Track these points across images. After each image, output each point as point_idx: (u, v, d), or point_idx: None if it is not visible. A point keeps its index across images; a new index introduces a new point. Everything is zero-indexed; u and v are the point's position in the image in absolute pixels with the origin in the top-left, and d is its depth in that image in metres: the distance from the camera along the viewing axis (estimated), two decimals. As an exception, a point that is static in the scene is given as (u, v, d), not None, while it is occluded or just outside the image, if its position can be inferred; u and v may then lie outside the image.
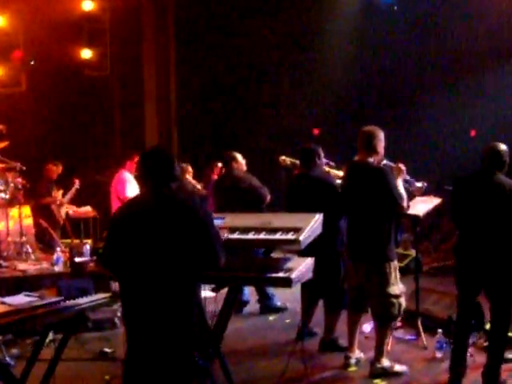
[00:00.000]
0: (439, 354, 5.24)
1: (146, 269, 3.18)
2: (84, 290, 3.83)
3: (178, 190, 3.39)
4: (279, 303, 6.98)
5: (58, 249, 7.27)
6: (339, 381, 4.93)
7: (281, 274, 3.74)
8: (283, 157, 6.48)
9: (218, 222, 3.79)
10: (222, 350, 4.03)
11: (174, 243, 3.16)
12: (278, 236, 3.86)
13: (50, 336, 4.39)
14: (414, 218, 5.95)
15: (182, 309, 3.18)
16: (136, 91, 12.20)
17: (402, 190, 5.00)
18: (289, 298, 6.82)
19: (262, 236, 3.91)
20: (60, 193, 9.51)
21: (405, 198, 4.96)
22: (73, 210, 9.88)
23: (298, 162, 6.07)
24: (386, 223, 4.91)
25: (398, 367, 4.98)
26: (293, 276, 3.69)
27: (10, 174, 7.67)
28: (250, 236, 3.93)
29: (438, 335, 5.31)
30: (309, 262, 3.92)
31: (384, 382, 4.82)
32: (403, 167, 5.18)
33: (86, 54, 10.85)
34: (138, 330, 3.25)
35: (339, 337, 5.54)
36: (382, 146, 5.05)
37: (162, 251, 3.16)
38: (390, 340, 5.39)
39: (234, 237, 3.93)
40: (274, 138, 11.81)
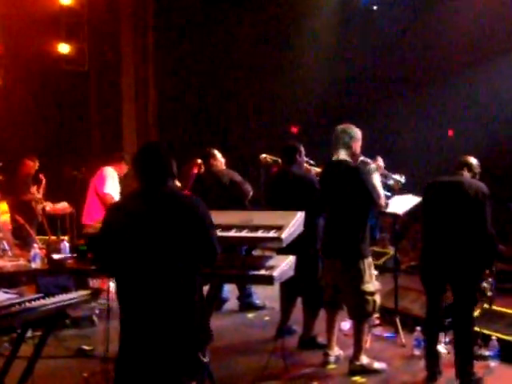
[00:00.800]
0: (417, 352, 5.26)
1: (145, 267, 3.14)
2: (64, 288, 3.78)
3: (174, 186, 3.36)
4: (258, 301, 6.99)
5: (34, 245, 7.17)
6: (318, 378, 4.93)
7: (263, 272, 3.73)
8: (264, 155, 6.45)
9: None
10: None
11: (174, 240, 3.12)
12: (260, 234, 3.85)
13: (29, 333, 4.34)
14: (394, 216, 6.01)
15: (183, 307, 3.14)
16: (114, 86, 12.08)
17: (380, 188, 5.00)
18: (267, 295, 6.84)
19: (244, 234, 3.89)
20: (35, 188, 9.40)
21: (382, 197, 4.98)
22: (50, 207, 9.75)
23: (279, 159, 6.07)
24: (361, 221, 4.92)
25: (376, 364, 5.01)
26: (275, 274, 3.69)
27: (-14, 170, 7.58)
28: (232, 233, 3.91)
29: (416, 333, 5.33)
30: (290, 259, 3.92)
31: (363, 380, 4.84)
32: (381, 162, 5.19)
33: (64, 48, 10.77)
34: (137, 329, 3.17)
35: (318, 335, 5.56)
36: (358, 143, 5.00)
37: (162, 249, 3.12)
38: (369, 338, 5.44)
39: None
40: (253, 135, 11.80)
